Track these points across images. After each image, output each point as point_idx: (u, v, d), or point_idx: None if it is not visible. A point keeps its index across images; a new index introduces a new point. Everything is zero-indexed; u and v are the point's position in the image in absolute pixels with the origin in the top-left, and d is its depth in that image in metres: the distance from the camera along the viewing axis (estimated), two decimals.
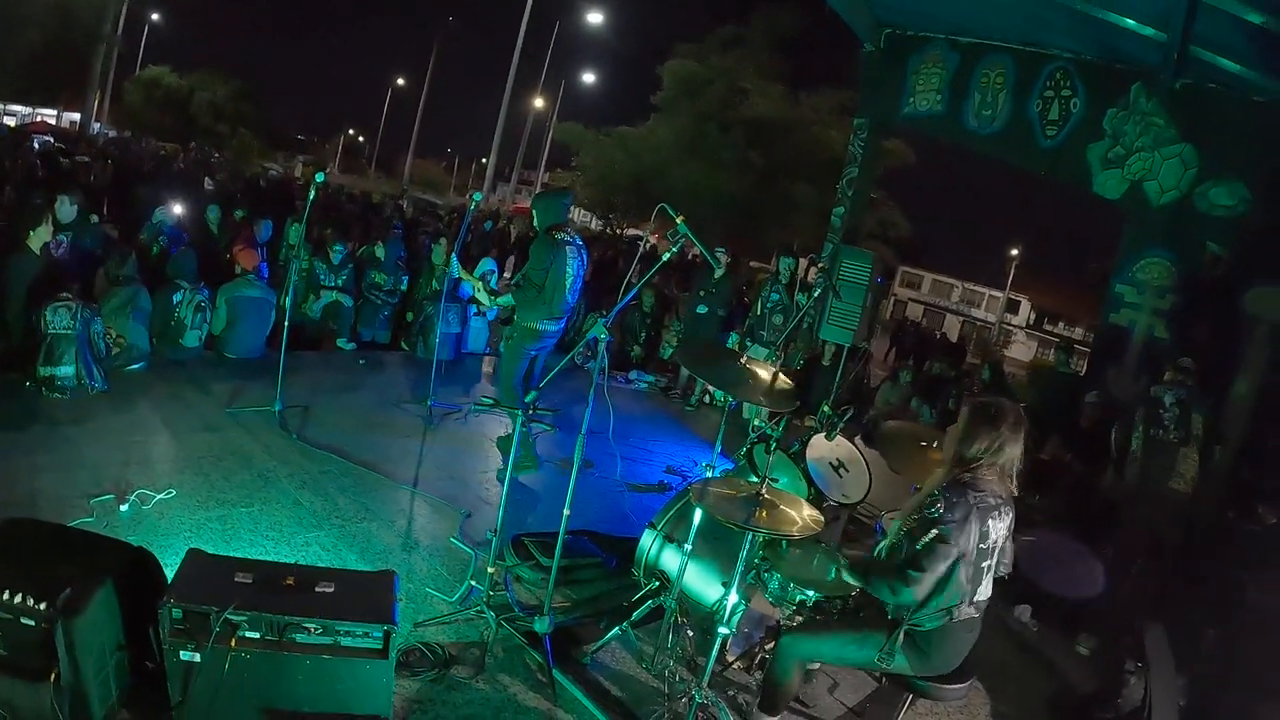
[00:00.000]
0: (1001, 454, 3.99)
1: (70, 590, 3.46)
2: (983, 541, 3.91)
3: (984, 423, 4.00)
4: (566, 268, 7.60)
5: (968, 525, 3.84)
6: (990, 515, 3.91)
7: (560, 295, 7.65)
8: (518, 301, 7.70)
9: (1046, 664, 6.89)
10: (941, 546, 3.82)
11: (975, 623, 4.12)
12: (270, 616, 3.61)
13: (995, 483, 3.98)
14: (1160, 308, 11.06)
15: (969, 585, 3.94)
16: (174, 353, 9.47)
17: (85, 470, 6.33)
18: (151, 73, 52.39)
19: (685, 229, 4.81)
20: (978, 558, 3.92)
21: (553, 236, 7.55)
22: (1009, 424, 3.99)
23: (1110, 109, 11.47)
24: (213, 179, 21.14)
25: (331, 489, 6.89)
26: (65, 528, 4.29)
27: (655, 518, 5.76)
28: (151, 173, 21.53)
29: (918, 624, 4.04)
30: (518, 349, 7.77)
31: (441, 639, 5.04)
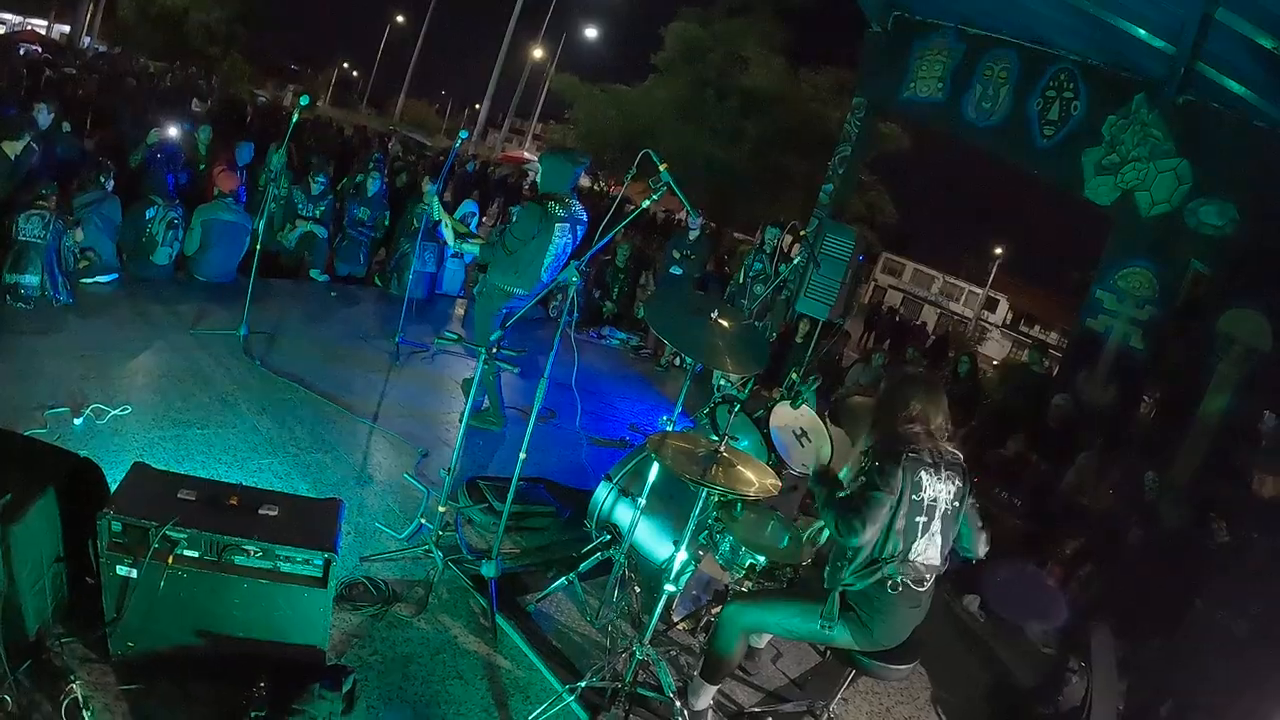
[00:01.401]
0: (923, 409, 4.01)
1: (10, 496, 3.38)
2: (915, 493, 3.85)
3: (900, 392, 4.07)
4: (550, 244, 6.98)
5: (896, 472, 3.82)
6: (924, 468, 3.87)
7: (534, 270, 7.05)
8: (484, 258, 7.27)
9: (990, 655, 6.90)
10: (874, 494, 3.81)
11: (918, 596, 4.05)
12: (210, 535, 3.54)
13: (927, 443, 3.96)
14: (1138, 318, 11.09)
15: (900, 537, 3.89)
16: (143, 270, 9.35)
17: (42, 381, 6.26)
18: None
19: (668, 177, 4.72)
20: (910, 510, 3.86)
21: (545, 207, 6.89)
22: (921, 383, 4.10)
23: (1111, 116, 11.45)
24: (201, 101, 20.85)
25: (290, 417, 6.83)
26: (9, 433, 4.19)
27: (612, 470, 5.70)
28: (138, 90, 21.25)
29: (850, 584, 4.01)
30: (488, 308, 7.30)
31: (387, 575, 4.99)
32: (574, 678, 4.52)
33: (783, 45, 31.30)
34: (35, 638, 3.61)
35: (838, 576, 4.06)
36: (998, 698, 6.35)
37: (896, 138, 29.37)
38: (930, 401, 4.01)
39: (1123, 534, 7.92)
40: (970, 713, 6.09)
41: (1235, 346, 9.66)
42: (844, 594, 4.05)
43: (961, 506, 4.03)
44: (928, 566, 4.00)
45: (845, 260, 10.27)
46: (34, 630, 3.59)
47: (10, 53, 24.64)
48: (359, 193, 12.16)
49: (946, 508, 3.95)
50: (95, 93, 19.95)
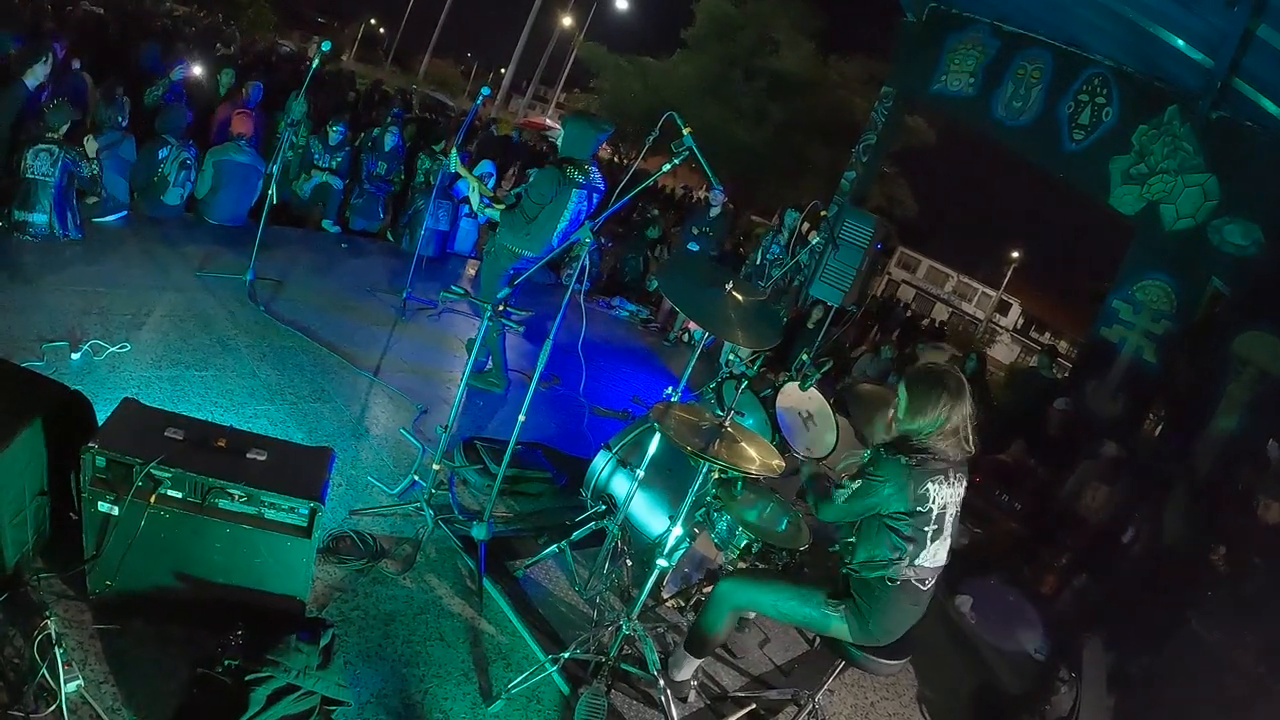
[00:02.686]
0: (950, 422, 3.83)
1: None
2: (921, 505, 3.76)
3: (927, 393, 3.84)
4: (565, 209, 6.96)
5: (891, 482, 3.74)
6: (932, 478, 3.77)
7: (545, 234, 7.04)
8: (503, 221, 7.14)
9: (978, 658, 6.79)
10: (860, 490, 3.80)
11: (919, 595, 3.99)
12: (195, 476, 3.46)
13: (948, 448, 3.83)
14: (1153, 331, 11.01)
15: (910, 545, 3.81)
16: (153, 209, 9.29)
17: (42, 315, 6.20)
18: None
19: (691, 141, 4.61)
20: (917, 521, 3.78)
21: (564, 171, 6.87)
22: (950, 390, 3.83)
23: (1142, 125, 11.34)
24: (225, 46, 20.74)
25: (290, 365, 6.77)
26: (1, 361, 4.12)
27: (612, 440, 5.64)
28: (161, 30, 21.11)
29: (855, 570, 3.96)
30: (494, 267, 7.28)
31: (375, 530, 4.94)
32: (558, 647, 4.46)
33: (815, 30, 31.11)
34: (13, 571, 3.56)
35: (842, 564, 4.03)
36: (984, 701, 6.27)
37: (923, 132, 29.21)
38: (956, 406, 3.83)
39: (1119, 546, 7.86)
40: (955, 714, 6.02)
41: (1248, 369, 9.59)
42: (849, 582, 4.00)
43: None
44: (935, 568, 3.95)
45: (863, 247, 10.15)
46: (12, 563, 3.54)
47: None
48: (376, 147, 12.05)
49: (955, 509, 3.88)
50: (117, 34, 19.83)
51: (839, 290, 10.23)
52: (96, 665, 3.41)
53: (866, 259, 10.29)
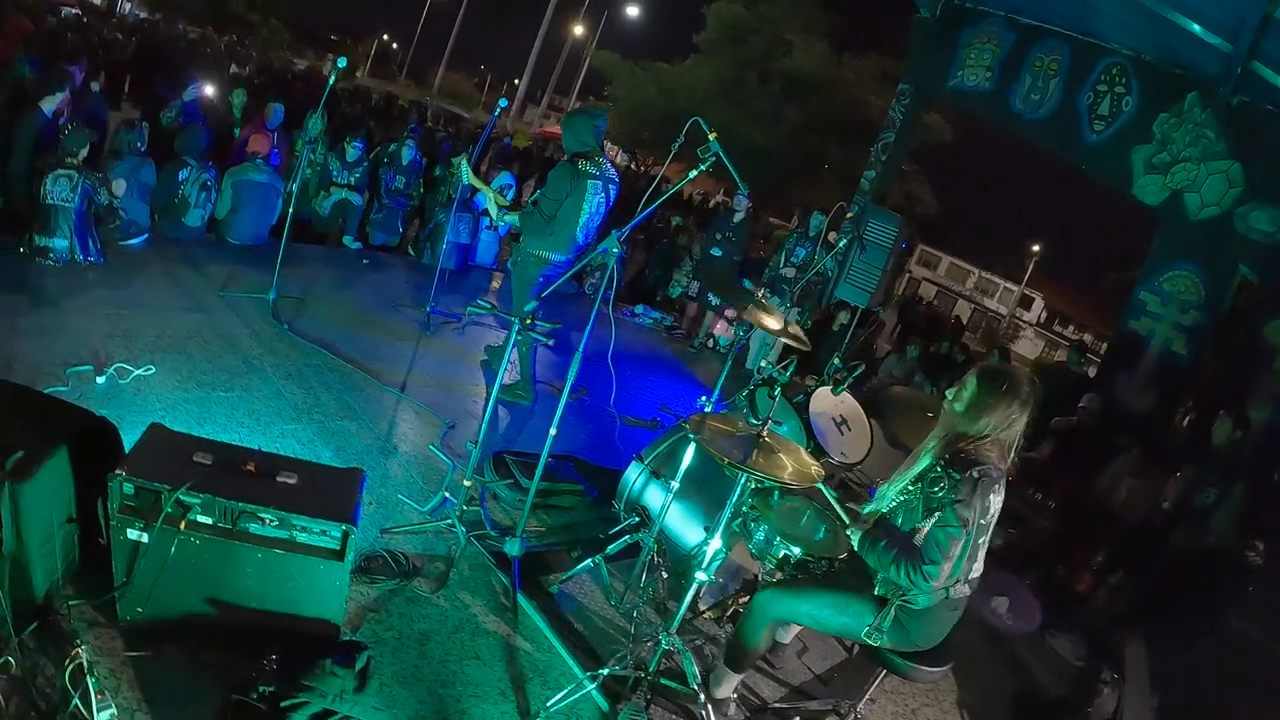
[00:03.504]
0: (1010, 430, 3.72)
1: (22, 453, 3.26)
2: (983, 517, 3.63)
3: (997, 396, 3.69)
4: (584, 202, 6.97)
5: (974, 502, 3.56)
6: (992, 489, 3.62)
7: (569, 231, 7.05)
8: (524, 226, 7.12)
9: (1017, 659, 6.71)
10: (953, 532, 3.56)
11: (960, 602, 3.91)
12: (225, 502, 3.41)
13: (996, 457, 3.69)
14: (1182, 322, 10.88)
15: (967, 563, 3.69)
16: (174, 231, 9.29)
17: (66, 339, 6.19)
18: None
19: (717, 146, 4.54)
20: (977, 533, 3.64)
21: (576, 166, 6.89)
22: (1021, 399, 3.70)
23: (1162, 114, 11.23)
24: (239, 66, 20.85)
25: (316, 383, 6.73)
26: (26, 388, 4.06)
27: (644, 451, 5.58)
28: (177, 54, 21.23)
29: (911, 602, 3.82)
30: (523, 276, 7.25)
31: (407, 549, 4.88)
32: (595, 663, 4.39)
33: (827, 30, 31.14)
34: (43, 600, 3.52)
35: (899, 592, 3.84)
36: (1026, 705, 6.18)
37: (940, 129, 29.14)
38: (1021, 415, 3.73)
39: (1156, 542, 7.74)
40: (998, 719, 5.92)
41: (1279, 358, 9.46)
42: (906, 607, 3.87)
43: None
44: (976, 578, 3.86)
45: (888, 247, 10.08)
46: (42, 592, 3.49)
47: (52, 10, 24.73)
48: (393, 162, 12.04)
49: (997, 516, 3.76)
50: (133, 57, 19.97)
51: (865, 291, 10.16)
52: (129, 693, 3.35)
53: (891, 259, 10.22)
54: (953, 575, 3.65)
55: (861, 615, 3.90)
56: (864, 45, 31.33)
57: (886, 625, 3.85)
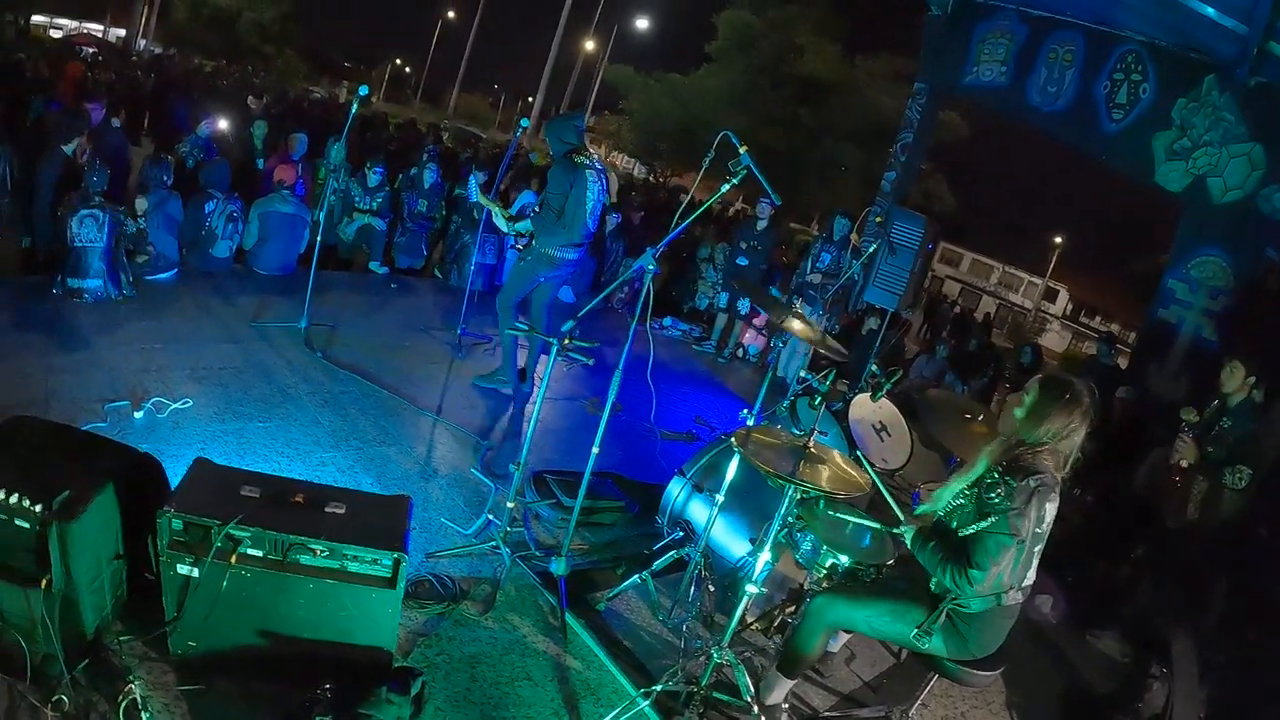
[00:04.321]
0: (1068, 440, 3.73)
1: (69, 493, 3.29)
2: (1038, 525, 3.64)
3: (1058, 404, 3.72)
4: (587, 191, 7.32)
5: (1028, 511, 3.57)
6: (1048, 498, 3.64)
7: (580, 221, 7.39)
8: (537, 227, 7.43)
9: (1063, 659, 6.65)
10: (1005, 538, 3.56)
11: (1014, 610, 3.91)
12: (275, 534, 3.42)
13: (1053, 466, 3.70)
14: (1211, 308, 10.74)
15: (1021, 570, 3.71)
16: (203, 263, 9.36)
17: (102, 374, 6.24)
18: None
19: (748, 159, 4.54)
20: (1032, 542, 3.66)
21: (571, 159, 7.27)
22: (1083, 410, 3.73)
23: (1180, 99, 11.10)
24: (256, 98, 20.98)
25: (352, 410, 6.76)
26: (69, 428, 4.11)
27: (685, 465, 5.58)
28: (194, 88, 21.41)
29: (963, 605, 3.81)
30: (528, 271, 7.59)
31: (453, 572, 4.89)
32: (646, 680, 4.40)
33: (838, 32, 31.14)
34: (93, 636, 3.55)
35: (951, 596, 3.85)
36: (1074, 703, 6.12)
37: (956, 126, 29.06)
38: (1079, 426, 3.74)
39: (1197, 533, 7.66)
40: (1048, 719, 5.88)
41: None
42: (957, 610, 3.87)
43: None
44: (1029, 587, 3.86)
45: (915, 248, 10.02)
46: (92, 628, 3.53)
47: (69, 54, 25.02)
48: (415, 185, 12.07)
49: (1051, 524, 3.74)
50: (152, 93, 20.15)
51: (894, 294, 10.09)
52: None
53: (919, 260, 10.16)
54: (1002, 581, 3.66)
55: (918, 621, 3.90)
56: (875, 46, 31.36)
57: (936, 628, 3.86)
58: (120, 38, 44.15)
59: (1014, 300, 58.31)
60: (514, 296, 7.73)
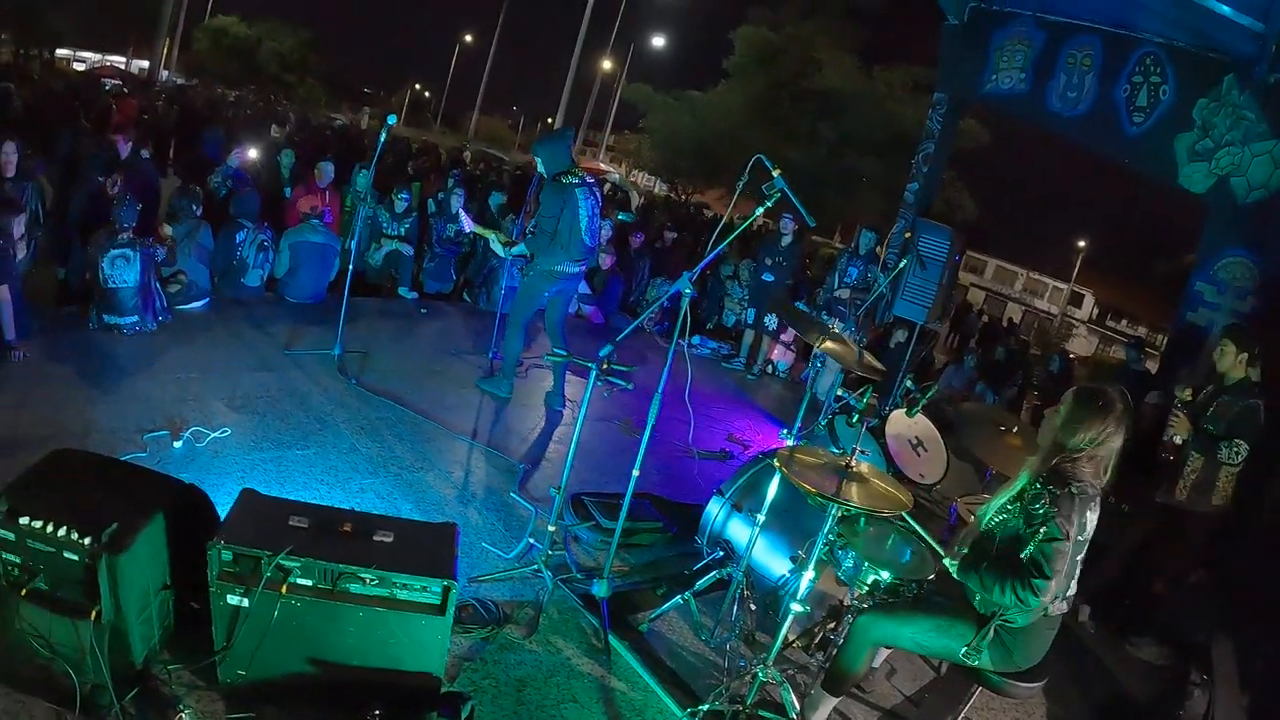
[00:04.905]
0: (1104, 446, 3.77)
1: (117, 525, 3.33)
2: (1080, 534, 3.70)
3: (1091, 412, 3.77)
4: (579, 210, 7.52)
5: (1073, 517, 3.63)
6: (1089, 506, 3.71)
7: (576, 238, 7.59)
8: (532, 249, 7.66)
9: (1104, 668, 6.61)
10: (1059, 544, 3.60)
11: (1057, 620, 3.97)
12: (325, 564, 3.45)
13: (1091, 474, 3.76)
14: (1240, 309, 10.64)
15: (1065, 580, 3.74)
16: (235, 291, 9.44)
17: (140, 405, 6.29)
18: (220, 21, 53.05)
19: (782, 183, 4.56)
20: (1074, 550, 3.70)
21: (560, 181, 7.47)
22: (1116, 415, 3.78)
23: (1201, 99, 11.00)
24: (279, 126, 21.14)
25: (388, 436, 6.79)
26: (114, 460, 4.18)
27: (724, 485, 5.60)
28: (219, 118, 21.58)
29: (1010, 620, 3.85)
30: (532, 289, 7.82)
31: (496, 596, 4.90)
32: (690, 699, 4.41)
33: (855, 44, 31.14)
34: (142, 666, 3.58)
35: (996, 609, 3.89)
36: (1116, 712, 6.09)
37: (976, 133, 28.98)
38: (1113, 433, 3.79)
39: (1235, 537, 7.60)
40: None
41: None
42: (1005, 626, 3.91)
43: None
44: (1071, 596, 3.91)
45: (942, 260, 10.01)
46: (141, 658, 3.56)
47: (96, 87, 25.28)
48: (442, 210, 12.13)
49: (1091, 534, 3.79)
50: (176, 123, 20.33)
51: (923, 307, 10.09)
52: None
53: (947, 272, 10.15)
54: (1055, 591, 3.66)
55: (964, 636, 3.93)
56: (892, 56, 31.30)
57: (985, 644, 3.88)
58: (143, 69, 44.62)
59: (1039, 306, 58.14)
60: (523, 315, 7.96)
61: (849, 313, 10.82)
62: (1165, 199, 11.90)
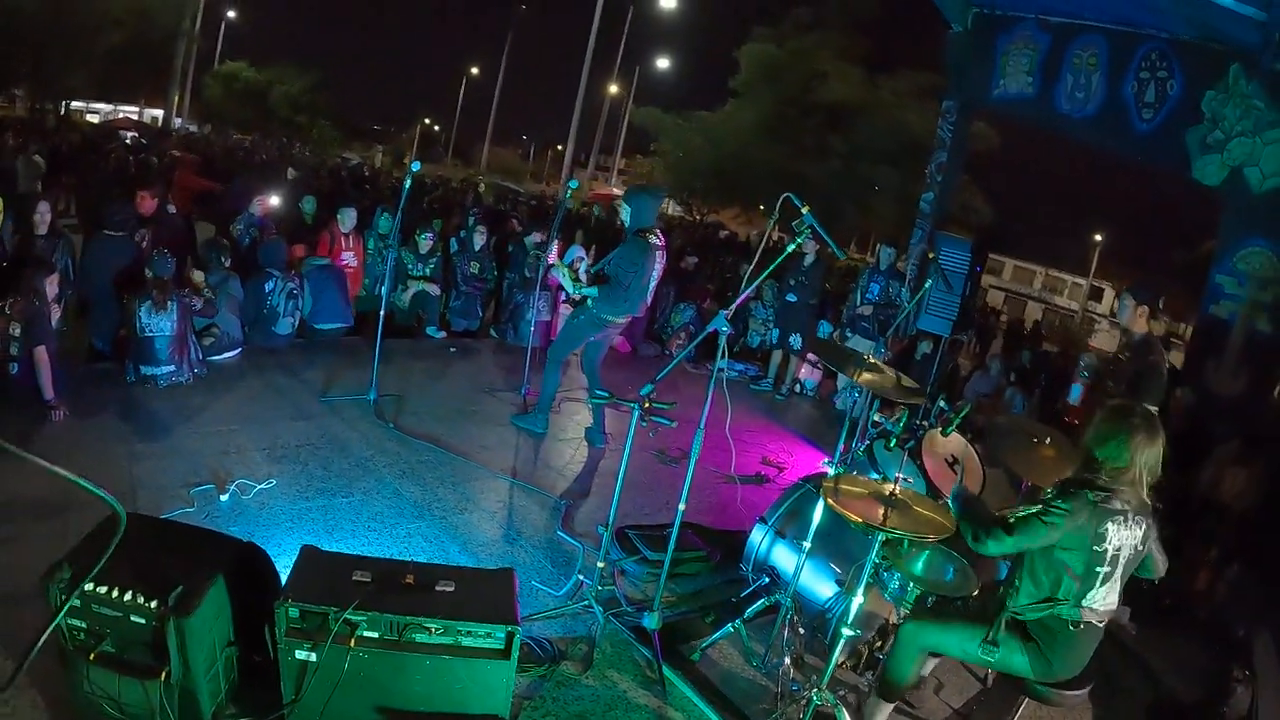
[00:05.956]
0: (1133, 461, 3.85)
1: (182, 588, 3.42)
2: (1098, 544, 3.81)
3: (1116, 428, 3.89)
4: (654, 270, 7.76)
5: (1076, 516, 3.76)
6: (1112, 518, 3.80)
7: (641, 294, 7.79)
8: (601, 295, 7.72)
9: (1147, 668, 6.60)
10: (1039, 520, 3.79)
11: (1099, 631, 4.05)
12: (391, 617, 3.54)
13: (1127, 489, 3.85)
14: (1262, 300, 10.60)
15: (1077, 584, 3.87)
16: (266, 340, 9.53)
17: (183, 459, 6.38)
18: (229, 67, 53.58)
19: (811, 219, 4.66)
20: (1091, 559, 3.83)
21: (645, 239, 7.61)
22: (1142, 431, 3.86)
23: (1209, 91, 10.99)
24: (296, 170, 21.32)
25: (430, 478, 6.88)
26: (170, 522, 4.35)
27: (766, 513, 5.67)
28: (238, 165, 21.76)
29: (1019, 613, 4.03)
30: (580, 330, 7.99)
31: (549, 633, 4.99)
32: None
33: (858, 55, 31.25)
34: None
35: (1006, 603, 4.07)
36: (1160, 714, 6.10)
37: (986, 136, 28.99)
38: (1149, 446, 3.87)
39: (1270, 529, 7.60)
40: None
41: None
42: (1025, 626, 4.04)
43: (1145, 549, 3.98)
44: (1106, 610, 3.99)
45: (964, 273, 10.06)
46: (209, 714, 3.63)
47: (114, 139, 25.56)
48: (464, 248, 12.23)
49: (1131, 554, 3.91)
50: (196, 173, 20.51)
51: (947, 320, 10.13)
52: None
53: (969, 284, 10.19)
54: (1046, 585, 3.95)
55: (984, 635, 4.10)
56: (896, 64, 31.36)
57: (999, 637, 4.05)
58: (155, 118, 45.04)
59: (1059, 303, 57.87)
60: (563, 353, 8.14)
61: (873, 329, 10.88)
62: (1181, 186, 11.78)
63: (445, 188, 26.63)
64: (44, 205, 7.90)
